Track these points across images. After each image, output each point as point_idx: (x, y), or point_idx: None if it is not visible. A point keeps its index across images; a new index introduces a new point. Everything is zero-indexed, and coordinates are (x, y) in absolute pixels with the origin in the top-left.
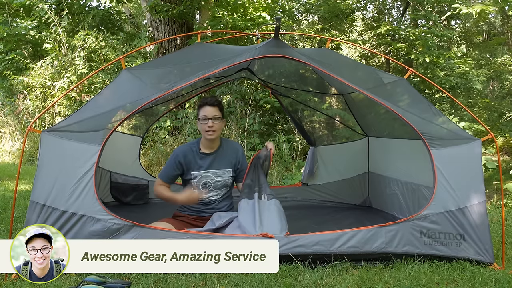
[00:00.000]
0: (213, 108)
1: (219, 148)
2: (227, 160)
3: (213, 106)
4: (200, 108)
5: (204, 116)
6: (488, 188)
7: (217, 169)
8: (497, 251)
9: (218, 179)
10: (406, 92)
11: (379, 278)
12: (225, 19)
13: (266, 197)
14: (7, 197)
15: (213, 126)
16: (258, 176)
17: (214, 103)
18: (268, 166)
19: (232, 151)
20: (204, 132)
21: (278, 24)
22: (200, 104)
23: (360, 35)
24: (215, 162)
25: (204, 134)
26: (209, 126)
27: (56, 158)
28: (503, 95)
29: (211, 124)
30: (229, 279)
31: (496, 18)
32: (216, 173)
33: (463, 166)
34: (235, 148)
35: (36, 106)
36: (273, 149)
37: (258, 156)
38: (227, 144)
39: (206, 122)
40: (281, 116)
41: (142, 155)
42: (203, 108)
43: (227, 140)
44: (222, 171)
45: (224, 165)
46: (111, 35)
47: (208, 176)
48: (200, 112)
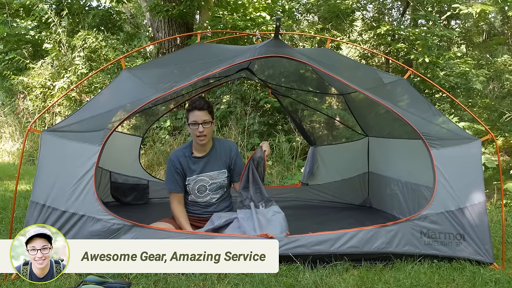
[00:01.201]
0: (202, 112)
1: (212, 150)
2: (220, 161)
3: (202, 110)
4: (189, 113)
5: (194, 122)
6: (488, 188)
7: (211, 172)
8: (497, 251)
9: (213, 182)
10: (406, 92)
11: (379, 278)
12: (225, 19)
13: (263, 205)
14: (7, 197)
15: (204, 131)
16: (253, 182)
17: (203, 106)
18: (263, 169)
19: (225, 151)
20: (196, 138)
21: (278, 24)
22: (188, 108)
23: (360, 35)
24: (208, 164)
25: (196, 140)
26: (200, 132)
27: (56, 158)
28: (503, 95)
29: (201, 129)
30: (229, 279)
31: (496, 18)
32: (210, 176)
33: (463, 166)
34: (228, 147)
35: (36, 106)
36: (268, 150)
37: (252, 158)
38: (219, 144)
39: (197, 127)
40: (281, 116)
41: (142, 155)
42: (192, 113)
43: (220, 140)
44: (217, 173)
45: (218, 167)
46: (111, 35)
47: (202, 179)
48: (189, 116)
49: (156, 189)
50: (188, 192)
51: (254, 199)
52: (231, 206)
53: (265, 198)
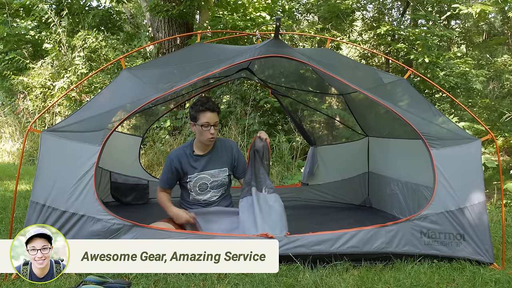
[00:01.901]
0: (214, 114)
1: (213, 148)
2: (222, 159)
3: (214, 112)
4: (200, 113)
5: (206, 123)
6: (488, 188)
7: (212, 170)
8: (497, 251)
9: (214, 180)
10: (406, 92)
11: (379, 278)
12: (225, 19)
13: (266, 190)
14: (7, 197)
15: (214, 133)
16: (257, 170)
17: (215, 108)
18: (268, 157)
19: (226, 150)
20: (206, 139)
21: (278, 24)
22: (200, 108)
23: (360, 35)
24: (210, 163)
25: (205, 141)
26: (211, 133)
27: (56, 158)
28: (503, 95)
29: (213, 131)
30: (229, 279)
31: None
32: (211, 174)
33: (463, 166)
34: (229, 146)
35: (36, 106)
36: (268, 138)
37: (255, 149)
38: (220, 143)
39: (209, 128)
40: (281, 116)
41: (142, 155)
42: (204, 114)
43: (220, 139)
44: (218, 171)
45: (219, 165)
46: (111, 35)
47: (203, 177)
48: (200, 117)
49: (156, 189)
50: (189, 190)
51: (257, 185)
52: (231, 205)
53: (269, 184)
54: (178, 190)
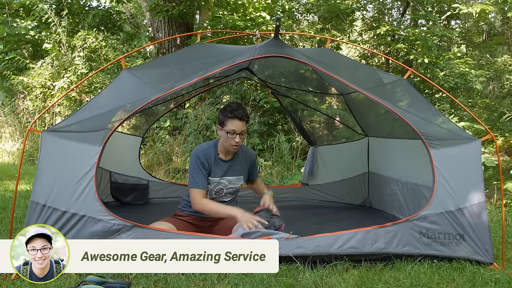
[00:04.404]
0: (242, 123)
1: (235, 156)
2: (241, 167)
3: (243, 121)
4: (228, 120)
5: (233, 131)
6: (488, 188)
7: (231, 177)
8: (497, 251)
9: (231, 186)
10: (406, 92)
11: (379, 278)
12: (225, 19)
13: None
14: (7, 197)
15: (240, 141)
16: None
17: (244, 117)
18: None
19: (246, 159)
20: (229, 146)
21: (278, 24)
22: (229, 115)
23: (360, 35)
24: (230, 169)
25: (229, 147)
26: (236, 142)
27: (56, 158)
28: (503, 95)
29: (238, 140)
30: (229, 279)
31: (496, 18)
32: (230, 181)
33: (463, 166)
34: (249, 155)
35: (36, 106)
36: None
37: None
38: (242, 151)
39: (234, 136)
40: (281, 116)
41: (142, 155)
42: (233, 122)
43: (242, 147)
44: (236, 179)
45: (238, 173)
46: (111, 35)
47: (222, 183)
48: (228, 123)
49: (156, 189)
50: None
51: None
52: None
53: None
54: (179, 190)
